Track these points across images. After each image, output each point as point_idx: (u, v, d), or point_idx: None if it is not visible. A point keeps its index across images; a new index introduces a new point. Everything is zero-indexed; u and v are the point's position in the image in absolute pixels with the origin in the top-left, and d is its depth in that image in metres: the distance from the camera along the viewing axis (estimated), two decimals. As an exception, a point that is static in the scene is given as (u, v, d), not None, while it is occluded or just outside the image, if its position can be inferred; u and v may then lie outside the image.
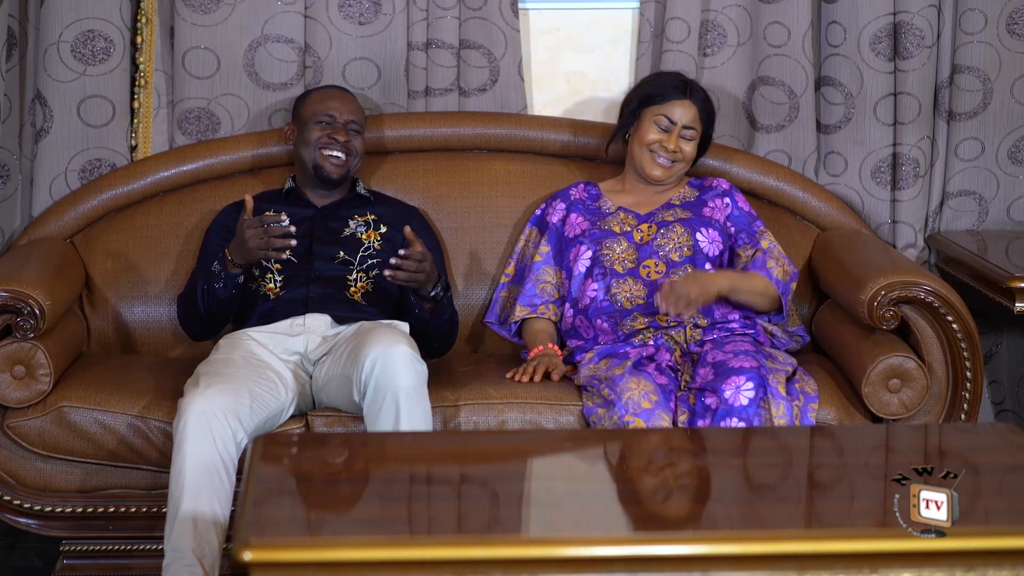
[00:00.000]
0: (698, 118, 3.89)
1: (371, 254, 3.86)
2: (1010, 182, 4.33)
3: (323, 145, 3.87)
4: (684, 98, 3.89)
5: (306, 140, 3.89)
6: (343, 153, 3.88)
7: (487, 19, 4.20)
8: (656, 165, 3.90)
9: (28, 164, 4.13)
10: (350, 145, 3.89)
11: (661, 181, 3.92)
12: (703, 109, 3.91)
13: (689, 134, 3.89)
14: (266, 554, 2.43)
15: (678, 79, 3.94)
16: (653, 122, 3.89)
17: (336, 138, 3.87)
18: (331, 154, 3.87)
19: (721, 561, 2.50)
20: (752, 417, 3.48)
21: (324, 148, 3.87)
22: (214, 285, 3.67)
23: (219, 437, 3.35)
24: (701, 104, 3.91)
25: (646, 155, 3.90)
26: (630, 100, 3.97)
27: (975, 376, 3.73)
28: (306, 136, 3.89)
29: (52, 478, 3.64)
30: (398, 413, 3.41)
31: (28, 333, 3.57)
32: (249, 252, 3.60)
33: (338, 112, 3.90)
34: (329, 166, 3.88)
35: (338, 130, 3.88)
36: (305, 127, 3.90)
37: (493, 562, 2.47)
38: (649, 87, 3.96)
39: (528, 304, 3.92)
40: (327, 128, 3.88)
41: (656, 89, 3.93)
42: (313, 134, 3.88)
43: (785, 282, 3.82)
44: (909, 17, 4.18)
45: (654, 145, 3.89)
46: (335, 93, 3.96)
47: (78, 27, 4.07)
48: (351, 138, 3.89)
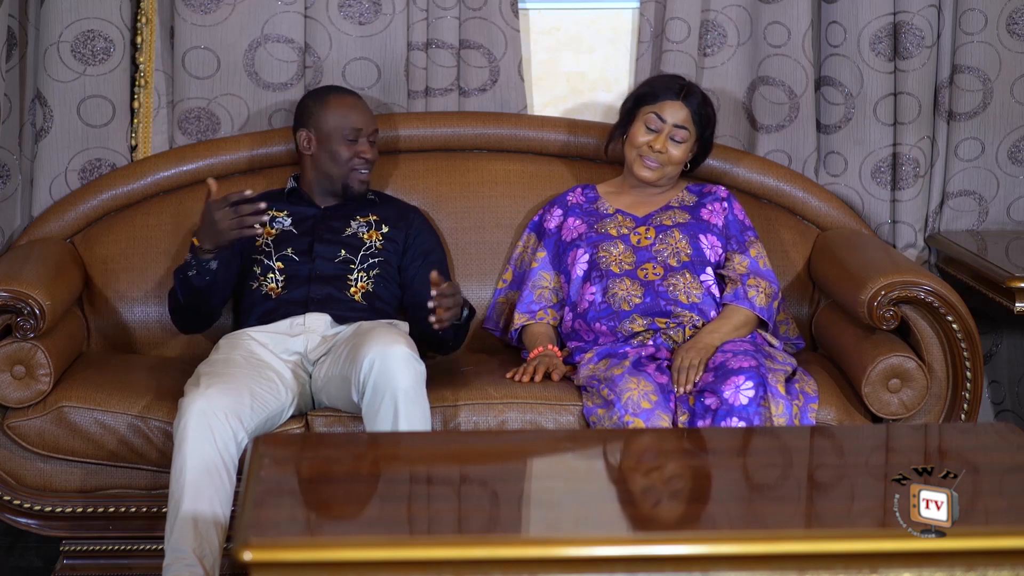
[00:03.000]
0: (690, 119, 3.88)
1: (373, 254, 3.86)
2: (1010, 182, 4.33)
3: (355, 165, 3.86)
4: (676, 99, 3.88)
5: (333, 156, 3.85)
6: (369, 169, 3.89)
7: (487, 19, 4.20)
8: (644, 167, 3.90)
9: (28, 164, 4.14)
10: (374, 160, 3.90)
11: (651, 183, 3.92)
12: (697, 111, 3.89)
13: (680, 135, 3.88)
14: (266, 554, 2.44)
15: (675, 81, 3.94)
16: (644, 122, 3.89)
17: (367, 157, 3.86)
18: (362, 172, 3.87)
19: (721, 561, 2.50)
20: (752, 416, 3.48)
21: (356, 167, 3.86)
22: (188, 274, 3.65)
23: (220, 437, 3.35)
24: (696, 107, 3.89)
25: (635, 157, 3.90)
26: (627, 101, 3.97)
27: (975, 376, 3.73)
28: (333, 151, 3.85)
29: (52, 478, 3.64)
30: (397, 413, 3.41)
31: (28, 333, 3.57)
32: (221, 234, 3.57)
33: (364, 126, 3.87)
34: (358, 184, 3.87)
35: (366, 148, 3.87)
36: (330, 141, 3.86)
37: (493, 562, 2.47)
38: (645, 87, 3.96)
39: (527, 311, 3.92)
40: (354, 145, 3.86)
41: (651, 89, 3.93)
42: (342, 152, 3.85)
43: (768, 305, 3.82)
44: (909, 17, 4.18)
45: (642, 148, 3.89)
46: (355, 103, 3.91)
47: (78, 27, 4.07)
48: (374, 152, 3.90)
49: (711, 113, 3.93)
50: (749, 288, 3.81)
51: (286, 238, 3.86)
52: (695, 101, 3.89)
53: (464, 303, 3.67)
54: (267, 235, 3.85)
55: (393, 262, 3.89)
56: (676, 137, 3.88)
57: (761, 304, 3.81)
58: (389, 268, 3.87)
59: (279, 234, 3.86)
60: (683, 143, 3.88)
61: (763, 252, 3.92)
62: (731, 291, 3.82)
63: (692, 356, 3.64)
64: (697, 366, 3.61)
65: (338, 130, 3.85)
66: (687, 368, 3.61)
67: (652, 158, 3.88)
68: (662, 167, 3.89)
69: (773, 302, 3.85)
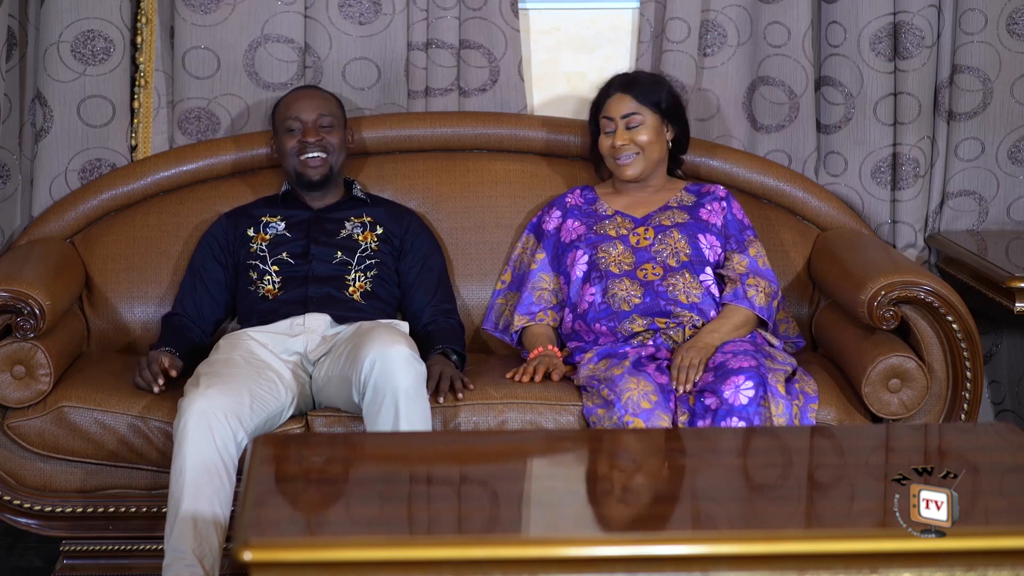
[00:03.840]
0: (637, 103, 3.89)
1: (369, 255, 3.87)
2: (1010, 182, 4.33)
3: (298, 152, 3.87)
4: (616, 92, 3.91)
5: (283, 151, 3.90)
6: (321, 152, 3.87)
7: (487, 19, 4.20)
8: (621, 168, 3.91)
9: (28, 164, 4.14)
10: (325, 143, 3.87)
11: (639, 178, 3.92)
12: (641, 92, 3.90)
13: (633, 121, 3.88)
14: (266, 554, 2.44)
15: (617, 78, 3.96)
16: (602, 128, 3.92)
17: (307, 140, 3.86)
18: (308, 156, 3.86)
19: (721, 561, 2.50)
20: (752, 416, 3.48)
21: (300, 154, 3.87)
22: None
23: (219, 437, 3.35)
24: (637, 89, 3.90)
25: (612, 163, 3.93)
26: (589, 118, 3.99)
27: (975, 376, 3.73)
28: (282, 147, 3.90)
29: (52, 478, 3.64)
30: (397, 413, 3.41)
31: (28, 333, 3.57)
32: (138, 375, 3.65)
33: (304, 112, 3.88)
34: (309, 170, 3.87)
35: (308, 131, 3.87)
36: (279, 138, 3.91)
37: (493, 562, 2.47)
38: (595, 97, 3.98)
39: (526, 313, 3.93)
40: (296, 134, 3.87)
41: (597, 96, 3.98)
42: (286, 144, 3.88)
43: (768, 304, 3.82)
44: (909, 17, 4.18)
45: (609, 152, 3.92)
46: (299, 95, 3.94)
47: (78, 27, 4.07)
48: (324, 135, 3.87)
49: (659, 87, 3.94)
50: (749, 288, 3.81)
51: (281, 241, 3.87)
52: (636, 85, 3.91)
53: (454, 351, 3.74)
54: (261, 240, 3.86)
55: (390, 263, 3.89)
56: (631, 124, 3.89)
57: (761, 304, 3.80)
58: (386, 269, 3.88)
59: (273, 238, 3.87)
60: (640, 126, 3.89)
61: (762, 251, 3.92)
62: (731, 291, 3.82)
63: (692, 356, 3.64)
64: (697, 366, 3.61)
65: (281, 124, 3.90)
66: (687, 368, 3.61)
67: (621, 155, 3.90)
68: (638, 157, 3.90)
69: (773, 301, 3.85)
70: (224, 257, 3.89)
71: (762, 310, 3.81)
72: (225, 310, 3.91)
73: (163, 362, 3.60)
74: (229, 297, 3.89)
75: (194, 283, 3.88)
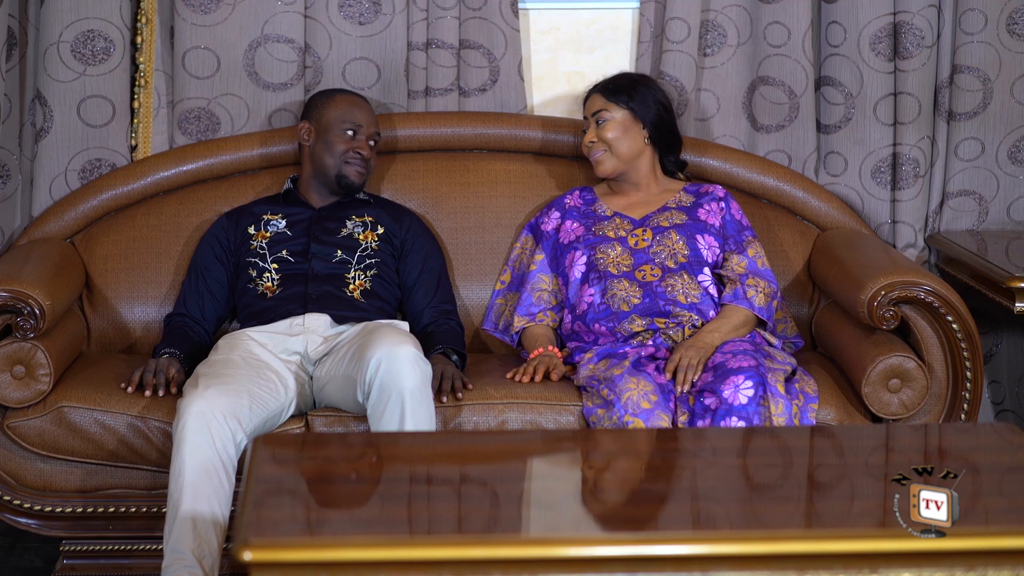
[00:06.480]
0: (605, 100, 3.94)
1: (369, 254, 3.87)
2: (1010, 182, 4.33)
3: (349, 159, 3.88)
4: (592, 93, 3.98)
5: (330, 147, 3.89)
6: (364, 167, 3.90)
7: (487, 19, 4.20)
8: (595, 165, 3.96)
9: (28, 164, 4.14)
10: (370, 157, 3.92)
11: (612, 174, 3.95)
12: (610, 90, 3.94)
13: (602, 117, 3.93)
14: (266, 554, 2.44)
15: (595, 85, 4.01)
16: (582, 128, 4.00)
17: (361, 152, 3.89)
18: (356, 163, 3.89)
19: (721, 561, 2.50)
20: (752, 415, 3.48)
21: (349, 158, 3.88)
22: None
23: (218, 438, 3.35)
24: (609, 88, 3.95)
25: (591, 162, 3.96)
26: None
27: (975, 376, 3.73)
28: (330, 142, 3.89)
29: (52, 478, 3.64)
30: (403, 413, 3.41)
31: (28, 333, 3.57)
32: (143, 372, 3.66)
33: (366, 124, 3.91)
34: (354, 174, 3.89)
35: (362, 144, 3.90)
36: (328, 132, 3.90)
37: (493, 562, 2.47)
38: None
39: (526, 313, 3.93)
40: (352, 140, 3.89)
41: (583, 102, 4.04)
42: (338, 144, 3.89)
43: (767, 305, 3.83)
44: (909, 17, 4.18)
45: (584, 149, 3.96)
46: (360, 102, 3.96)
47: (78, 27, 4.07)
48: (371, 153, 3.92)
49: (634, 85, 3.96)
50: (748, 288, 3.81)
51: (281, 239, 3.87)
52: (609, 84, 3.97)
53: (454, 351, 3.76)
54: (261, 238, 3.87)
55: (390, 263, 3.89)
56: (599, 121, 3.93)
57: (760, 304, 3.81)
58: (386, 269, 3.88)
59: (274, 236, 3.87)
60: (609, 122, 3.92)
61: (761, 252, 3.92)
62: (730, 291, 3.82)
63: (691, 355, 3.64)
64: (696, 365, 3.61)
65: (338, 122, 3.89)
66: (686, 367, 3.61)
67: (591, 152, 3.94)
68: (606, 153, 3.93)
69: (772, 302, 3.85)
70: (225, 256, 3.90)
71: (761, 310, 3.81)
72: (227, 309, 3.91)
73: (171, 373, 3.61)
74: (231, 296, 3.90)
75: (196, 283, 3.89)
